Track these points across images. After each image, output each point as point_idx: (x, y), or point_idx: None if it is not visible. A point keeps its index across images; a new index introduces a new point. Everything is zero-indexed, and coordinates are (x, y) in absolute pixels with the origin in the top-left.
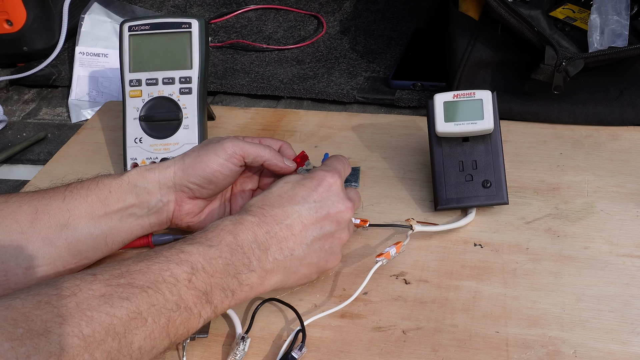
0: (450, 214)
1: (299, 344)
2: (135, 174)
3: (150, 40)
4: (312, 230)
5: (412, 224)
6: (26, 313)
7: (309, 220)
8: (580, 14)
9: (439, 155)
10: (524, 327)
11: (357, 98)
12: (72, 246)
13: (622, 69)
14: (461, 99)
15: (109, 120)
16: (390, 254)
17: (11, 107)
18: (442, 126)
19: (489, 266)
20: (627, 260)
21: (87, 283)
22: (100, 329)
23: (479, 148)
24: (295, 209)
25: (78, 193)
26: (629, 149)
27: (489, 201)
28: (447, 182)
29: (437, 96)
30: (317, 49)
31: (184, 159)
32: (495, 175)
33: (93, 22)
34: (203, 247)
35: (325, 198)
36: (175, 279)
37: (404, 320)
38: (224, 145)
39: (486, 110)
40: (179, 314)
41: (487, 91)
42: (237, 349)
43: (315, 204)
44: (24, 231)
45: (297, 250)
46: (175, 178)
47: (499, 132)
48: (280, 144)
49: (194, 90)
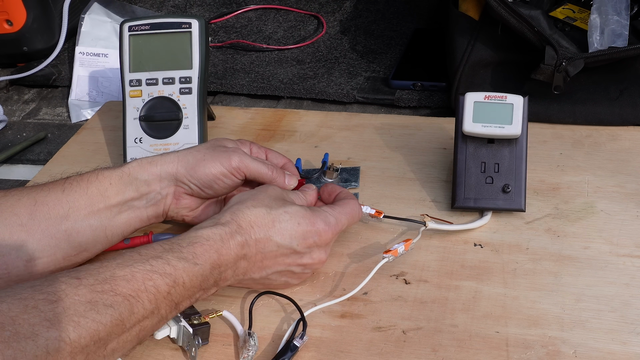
0: (458, 213)
1: (300, 333)
2: (136, 165)
3: (151, 40)
4: (279, 266)
5: (425, 221)
6: (13, 317)
7: (282, 261)
8: (580, 14)
9: (462, 153)
10: (524, 327)
11: (357, 98)
12: (72, 238)
13: (622, 69)
14: (492, 101)
15: (109, 120)
16: (398, 251)
17: (11, 107)
18: (469, 126)
19: (489, 266)
20: (627, 260)
21: (72, 288)
22: (86, 334)
23: (503, 151)
24: (277, 243)
25: (78, 185)
26: (629, 149)
27: (506, 206)
28: (467, 182)
29: (468, 95)
30: (317, 49)
31: (187, 158)
32: (516, 181)
33: (93, 22)
34: (189, 264)
35: (311, 250)
36: (157, 290)
37: (404, 320)
38: (231, 157)
39: (515, 116)
40: (151, 320)
41: (519, 96)
42: (248, 345)
43: (297, 254)
44: (24, 223)
45: (256, 275)
46: (177, 174)
47: (526, 138)
48: (284, 161)
49: (194, 90)
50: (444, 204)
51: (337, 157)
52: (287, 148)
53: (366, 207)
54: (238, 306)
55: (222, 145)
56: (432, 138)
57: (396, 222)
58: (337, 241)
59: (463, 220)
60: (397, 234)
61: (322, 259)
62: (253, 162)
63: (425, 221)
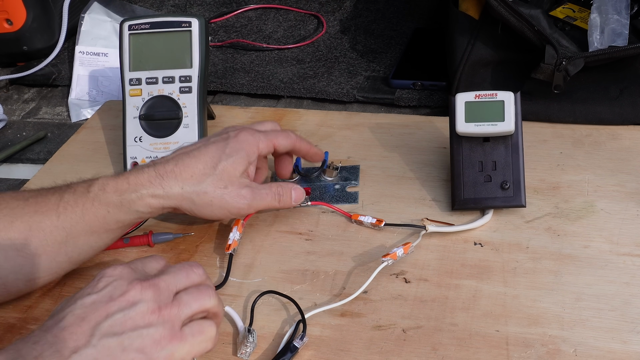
0: (458, 212)
1: (300, 334)
2: (136, 198)
3: (151, 39)
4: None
5: (425, 225)
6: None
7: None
8: (580, 14)
9: (458, 154)
10: (524, 326)
11: (357, 97)
12: (73, 259)
13: (622, 68)
14: (483, 100)
15: (108, 119)
16: (397, 254)
17: (11, 107)
18: (462, 126)
19: (489, 265)
20: (627, 259)
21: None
22: None
23: (499, 148)
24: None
25: (73, 211)
26: (629, 148)
27: (507, 203)
28: (466, 182)
29: (458, 96)
30: (317, 48)
31: (192, 197)
32: (514, 177)
33: (93, 21)
34: None
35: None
36: None
37: (404, 319)
38: (238, 204)
39: (507, 112)
40: None
41: (509, 92)
42: (246, 341)
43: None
44: (20, 249)
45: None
46: (179, 207)
47: (521, 133)
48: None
49: (194, 89)
50: (444, 203)
51: (337, 156)
52: None
53: (367, 217)
54: (240, 304)
55: (231, 173)
56: (432, 137)
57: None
58: (338, 240)
59: (464, 220)
60: (397, 233)
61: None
62: (262, 200)
63: (425, 225)
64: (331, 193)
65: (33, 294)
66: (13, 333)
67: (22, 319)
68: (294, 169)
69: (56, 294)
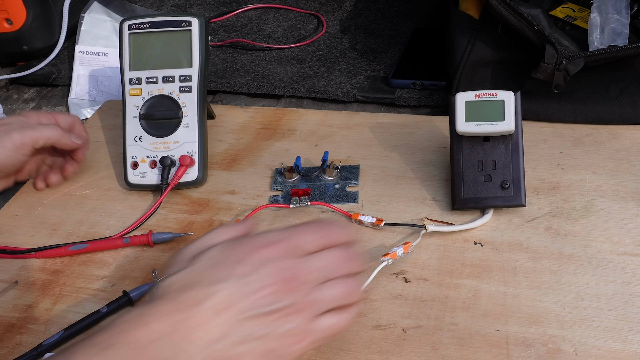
0: (459, 212)
1: None
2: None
3: (151, 38)
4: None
5: (425, 224)
6: None
7: None
8: (580, 13)
9: (458, 153)
10: (524, 326)
11: (357, 97)
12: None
13: (622, 68)
14: (483, 99)
15: (108, 119)
16: (397, 254)
17: (11, 106)
18: (462, 126)
19: (489, 264)
20: (628, 258)
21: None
22: None
23: (499, 148)
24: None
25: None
26: (629, 147)
27: (507, 202)
28: (466, 182)
29: (458, 95)
30: (317, 48)
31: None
32: (514, 177)
33: (93, 21)
34: None
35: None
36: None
37: (404, 319)
38: (12, 137)
39: (507, 111)
40: None
41: (509, 92)
42: None
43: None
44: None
45: None
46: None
47: (521, 133)
48: (72, 120)
49: (194, 89)
50: (444, 202)
51: (337, 155)
52: (287, 147)
53: (367, 217)
54: None
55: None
56: (432, 137)
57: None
58: None
59: (464, 219)
60: (397, 232)
61: None
62: (34, 131)
63: (425, 224)
64: (331, 193)
65: (33, 293)
66: (13, 333)
67: (22, 318)
68: (294, 168)
69: (56, 294)
